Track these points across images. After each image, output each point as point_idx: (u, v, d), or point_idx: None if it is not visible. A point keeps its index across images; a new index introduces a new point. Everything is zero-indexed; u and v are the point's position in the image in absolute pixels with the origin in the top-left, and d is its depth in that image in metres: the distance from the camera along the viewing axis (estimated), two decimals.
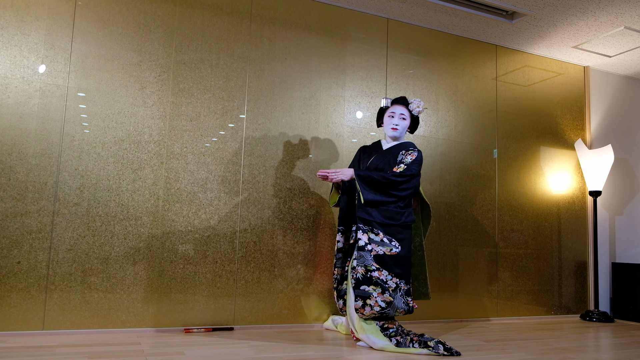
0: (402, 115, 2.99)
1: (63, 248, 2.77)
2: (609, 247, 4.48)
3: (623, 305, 4.25)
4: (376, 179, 2.80)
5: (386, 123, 3.03)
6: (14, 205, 2.70)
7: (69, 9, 2.90)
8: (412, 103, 3.03)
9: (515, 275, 4.06)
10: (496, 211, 4.02)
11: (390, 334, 2.73)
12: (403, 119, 2.99)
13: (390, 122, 3.00)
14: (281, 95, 3.38)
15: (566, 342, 3.11)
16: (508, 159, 4.13)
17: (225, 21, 3.27)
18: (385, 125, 3.05)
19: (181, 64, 3.13)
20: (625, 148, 4.63)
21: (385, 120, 3.04)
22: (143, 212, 2.95)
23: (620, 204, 4.57)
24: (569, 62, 4.49)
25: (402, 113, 2.99)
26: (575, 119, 4.48)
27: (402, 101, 3.04)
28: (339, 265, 3.03)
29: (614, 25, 3.72)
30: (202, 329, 3.00)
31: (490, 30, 3.92)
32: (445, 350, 2.62)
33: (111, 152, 2.92)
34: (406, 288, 2.81)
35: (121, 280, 2.87)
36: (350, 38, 3.63)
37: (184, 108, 3.11)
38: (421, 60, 3.87)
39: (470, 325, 3.65)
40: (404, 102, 3.04)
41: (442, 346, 2.64)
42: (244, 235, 3.17)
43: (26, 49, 2.79)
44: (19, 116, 2.75)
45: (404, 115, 2.99)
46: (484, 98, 4.10)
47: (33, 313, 2.69)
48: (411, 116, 3.04)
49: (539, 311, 4.13)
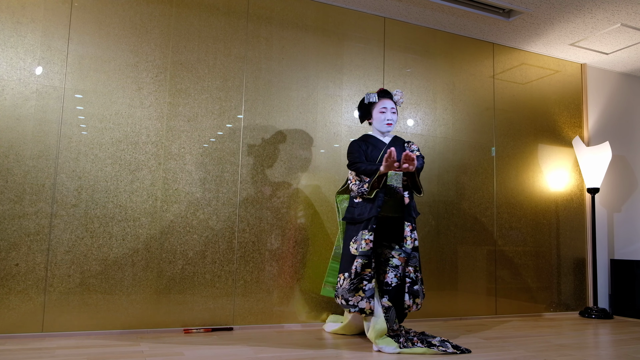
0: (393, 110, 2.94)
1: (61, 250, 2.77)
2: (608, 244, 4.48)
3: (622, 302, 4.25)
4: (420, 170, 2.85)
5: (379, 119, 2.95)
6: (11, 208, 2.69)
7: (65, 10, 2.90)
8: (396, 95, 2.99)
9: (514, 272, 4.06)
10: (494, 209, 4.03)
11: (396, 336, 2.73)
12: (394, 112, 2.95)
13: (383, 118, 2.93)
14: (278, 95, 3.38)
15: (565, 339, 3.11)
16: (506, 157, 4.13)
17: (222, 21, 3.26)
18: (377, 120, 2.96)
19: (178, 64, 3.13)
20: (623, 145, 4.64)
21: (377, 116, 2.95)
22: (141, 213, 2.95)
23: (619, 201, 4.58)
24: (566, 60, 4.49)
25: (392, 107, 2.95)
26: (573, 117, 4.49)
27: (388, 95, 2.99)
28: (369, 265, 2.72)
29: (611, 23, 3.72)
30: (202, 329, 3.00)
31: (487, 29, 3.92)
32: (454, 347, 2.62)
33: (109, 153, 2.91)
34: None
35: (120, 281, 2.87)
36: (348, 37, 3.63)
37: (182, 109, 3.11)
38: (418, 59, 3.87)
39: (469, 323, 3.65)
40: (390, 96, 2.99)
41: (450, 344, 2.64)
42: (242, 236, 3.17)
43: (22, 51, 2.79)
44: (16, 118, 2.74)
45: (394, 109, 2.95)
46: (482, 96, 4.10)
47: (32, 315, 2.69)
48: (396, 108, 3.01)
49: (538, 308, 4.13)
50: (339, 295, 2.76)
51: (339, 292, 2.76)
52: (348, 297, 2.70)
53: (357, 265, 2.69)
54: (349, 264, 2.75)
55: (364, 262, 2.69)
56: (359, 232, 2.77)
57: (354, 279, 2.69)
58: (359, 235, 2.77)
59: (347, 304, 2.71)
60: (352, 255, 2.76)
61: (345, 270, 2.77)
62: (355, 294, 2.68)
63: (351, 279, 2.70)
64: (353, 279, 2.69)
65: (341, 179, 3.46)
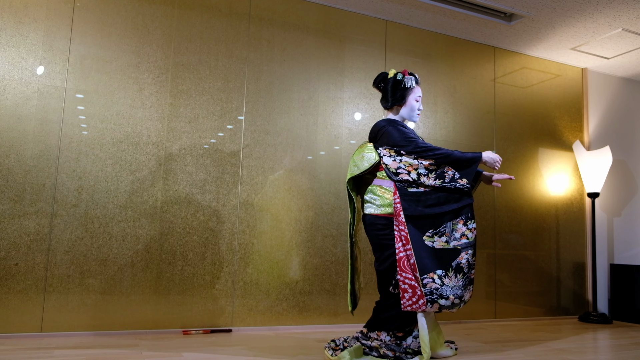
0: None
1: (61, 250, 2.77)
2: (607, 249, 4.48)
3: (621, 307, 4.25)
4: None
5: (413, 107, 2.63)
6: (12, 207, 2.69)
7: (67, 10, 2.90)
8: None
9: (514, 276, 4.06)
10: (494, 212, 4.03)
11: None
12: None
13: (417, 107, 2.64)
14: (280, 96, 3.38)
15: (565, 344, 3.11)
16: (506, 161, 4.13)
17: (224, 23, 3.27)
18: (410, 109, 2.63)
19: (179, 65, 3.13)
20: (623, 149, 4.64)
21: (413, 104, 2.63)
22: (141, 213, 2.95)
23: (619, 206, 4.58)
24: (567, 64, 4.50)
25: (420, 96, 2.69)
26: (573, 121, 4.49)
27: (418, 82, 2.71)
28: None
29: (612, 27, 3.73)
30: (201, 330, 2.99)
31: (488, 32, 3.93)
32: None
33: (109, 153, 2.91)
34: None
35: (119, 282, 2.87)
36: (349, 40, 3.64)
37: (183, 110, 3.11)
38: (419, 62, 3.88)
39: (468, 326, 3.65)
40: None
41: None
42: (242, 237, 3.17)
43: (24, 51, 2.79)
44: (17, 118, 2.74)
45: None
46: (482, 100, 4.10)
47: (31, 315, 2.69)
48: None
49: (538, 312, 4.13)
50: (449, 296, 2.42)
51: (448, 292, 2.42)
52: (464, 293, 2.46)
53: (467, 257, 2.45)
54: (438, 259, 2.45)
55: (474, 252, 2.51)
56: (444, 224, 2.47)
57: (468, 272, 2.46)
58: (447, 226, 2.48)
59: (461, 301, 2.46)
60: (435, 249, 2.45)
61: (438, 268, 2.43)
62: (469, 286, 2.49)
63: (464, 273, 2.44)
64: (467, 272, 2.45)
65: (342, 181, 3.45)
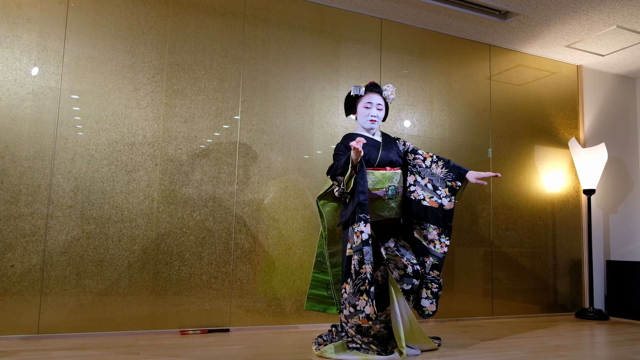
0: (379, 106, 2.70)
1: (57, 251, 2.76)
2: (604, 245, 4.50)
3: (618, 303, 4.27)
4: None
5: (362, 114, 2.70)
6: (7, 209, 2.68)
7: (61, 10, 2.89)
8: (386, 90, 2.75)
9: (511, 274, 4.07)
10: (491, 210, 4.04)
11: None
12: (380, 109, 2.70)
13: (367, 113, 2.68)
14: (275, 96, 3.38)
15: (561, 340, 3.12)
16: (502, 158, 4.14)
17: (219, 22, 3.26)
18: (360, 116, 2.71)
19: (175, 65, 3.12)
20: (619, 146, 4.66)
21: (362, 111, 2.70)
22: (137, 214, 2.94)
23: (614, 202, 4.59)
24: (562, 61, 4.51)
25: (379, 103, 2.70)
26: (569, 118, 4.50)
27: (376, 89, 2.73)
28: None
29: (607, 24, 3.74)
30: (198, 330, 2.99)
31: (483, 30, 3.93)
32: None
33: (105, 154, 2.91)
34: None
35: (116, 282, 2.86)
36: (344, 38, 3.64)
37: (178, 109, 3.10)
38: (415, 60, 3.88)
39: (466, 324, 3.65)
40: (379, 90, 2.74)
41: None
42: (239, 237, 3.17)
43: (18, 51, 2.78)
44: (12, 119, 2.73)
45: (381, 105, 2.71)
46: (478, 97, 4.11)
47: (27, 317, 2.68)
48: (385, 104, 2.76)
49: (534, 309, 4.14)
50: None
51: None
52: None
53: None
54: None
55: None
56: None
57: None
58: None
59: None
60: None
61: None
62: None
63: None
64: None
65: None
